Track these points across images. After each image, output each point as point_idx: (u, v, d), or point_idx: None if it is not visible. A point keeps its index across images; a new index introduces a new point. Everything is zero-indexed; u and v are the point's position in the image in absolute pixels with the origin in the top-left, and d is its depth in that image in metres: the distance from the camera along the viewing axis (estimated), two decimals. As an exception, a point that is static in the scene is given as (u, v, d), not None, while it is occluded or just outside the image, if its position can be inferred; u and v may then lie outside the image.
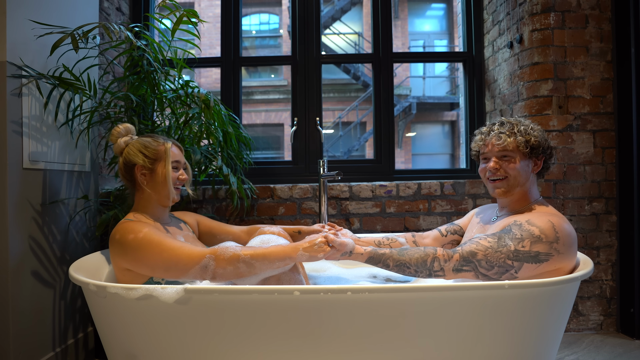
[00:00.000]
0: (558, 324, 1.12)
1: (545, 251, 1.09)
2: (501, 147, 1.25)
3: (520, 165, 1.25)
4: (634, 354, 1.78)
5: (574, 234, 1.14)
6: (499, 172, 1.26)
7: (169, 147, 1.26)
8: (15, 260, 1.40)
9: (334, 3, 9.11)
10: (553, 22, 2.01)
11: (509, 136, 1.25)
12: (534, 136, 1.26)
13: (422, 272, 1.15)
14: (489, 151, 1.29)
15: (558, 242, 1.10)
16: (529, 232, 1.11)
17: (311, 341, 1.02)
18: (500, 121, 1.32)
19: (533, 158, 1.27)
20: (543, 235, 1.10)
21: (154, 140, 1.28)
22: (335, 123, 9.75)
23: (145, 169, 1.25)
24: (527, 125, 1.28)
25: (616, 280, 2.02)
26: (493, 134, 1.28)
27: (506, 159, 1.26)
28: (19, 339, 1.41)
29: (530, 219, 1.15)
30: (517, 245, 1.10)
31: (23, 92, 1.44)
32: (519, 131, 1.26)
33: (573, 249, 1.13)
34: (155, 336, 1.05)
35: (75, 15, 1.73)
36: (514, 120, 1.30)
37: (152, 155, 1.25)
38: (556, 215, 1.18)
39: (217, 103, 1.78)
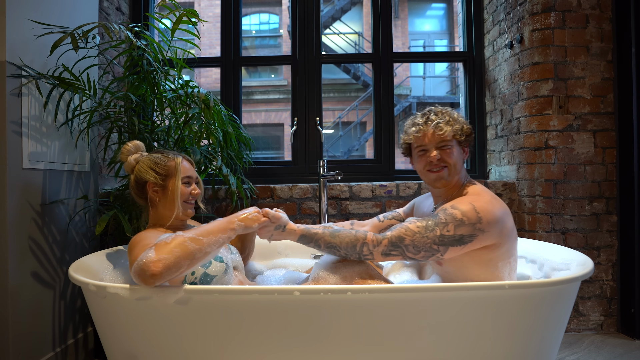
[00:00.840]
0: (558, 324, 1.12)
1: (469, 233, 1.13)
2: (441, 137, 1.25)
3: (456, 154, 1.27)
4: (634, 354, 1.78)
5: (498, 210, 1.16)
6: (440, 161, 1.26)
7: (179, 163, 1.25)
8: (15, 260, 1.40)
9: (334, 3, 9.11)
10: (553, 21, 2.01)
11: (447, 125, 1.26)
12: (465, 123, 1.29)
13: (352, 255, 1.19)
14: (428, 142, 1.27)
15: (481, 222, 1.13)
16: (452, 215, 1.14)
17: (311, 341, 1.02)
18: (433, 111, 1.31)
19: (462, 145, 1.30)
20: (465, 218, 1.13)
21: (164, 156, 1.27)
22: (335, 123, 9.75)
23: (157, 186, 1.24)
24: (456, 113, 1.31)
25: (617, 280, 2.02)
26: (432, 123, 1.27)
27: (445, 148, 1.26)
28: (18, 339, 1.41)
29: (454, 203, 1.18)
30: (442, 230, 1.13)
31: (22, 92, 1.43)
32: (454, 120, 1.28)
33: (498, 225, 1.15)
34: (155, 336, 1.05)
35: (75, 15, 1.73)
36: (443, 109, 1.31)
37: (163, 172, 1.24)
38: (479, 194, 1.21)
39: (217, 103, 1.78)
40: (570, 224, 2.01)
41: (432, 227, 1.14)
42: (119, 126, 1.69)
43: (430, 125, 1.27)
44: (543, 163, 2.01)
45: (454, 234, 1.13)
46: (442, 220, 1.14)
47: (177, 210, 1.23)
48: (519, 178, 2.14)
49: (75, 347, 1.71)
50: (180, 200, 1.24)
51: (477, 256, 1.18)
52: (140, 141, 1.34)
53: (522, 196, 2.12)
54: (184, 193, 1.25)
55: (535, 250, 1.47)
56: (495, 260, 1.19)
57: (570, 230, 2.01)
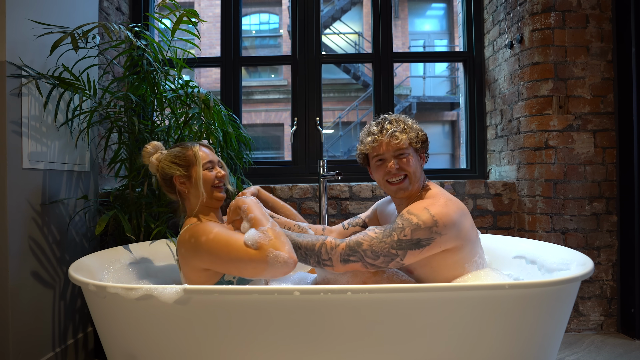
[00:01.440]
0: (558, 324, 1.12)
1: (426, 236, 1.13)
2: (397, 145, 1.23)
3: (414, 162, 1.26)
4: (634, 354, 1.78)
5: (454, 213, 1.16)
6: (399, 170, 1.24)
7: (197, 150, 1.27)
8: (14, 261, 1.40)
9: (334, 3, 9.11)
10: (553, 21, 2.01)
11: (402, 133, 1.24)
12: (420, 130, 1.28)
13: (312, 257, 1.18)
14: (385, 151, 1.25)
15: (437, 225, 1.13)
16: (409, 220, 1.14)
17: (311, 341, 1.02)
18: (387, 119, 1.29)
19: (419, 152, 1.29)
20: (421, 222, 1.13)
21: (181, 148, 1.29)
22: (335, 123, 9.75)
23: (182, 178, 1.26)
24: (410, 120, 1.29)
25: (617, 280, 2.02)
26: (387, 133, 1.24)
27: (402, 156, 1.25)
28: (18, 339, 1.41)
29: (409, 209, 1.17)
30: (399, 235, 1.13)
31: (22, 92, 1.43)
32: (409, 127, 1.26)
33: (455, 227, 1.15)
34: (155, 336, 1.05)
35: (74, 15, 1.73)
36: (397, 116, 1.29)
37: (185, 163, 1.26)
38: (435, 198, 1.21)
39: (217, 103, 1.78)
40: (570, 224, 2.01)
41: (389, 233, 1.14)
42: (119, 126, 1.69)
43: (385, 134, 1.25)
44: (543, 163, 2.01)
45: (411, 237, 1.12)
46: (399, 225, 1.14)
47: (201, 196, 1.24)
48: (519, 178, 2.14)
49: (75, 347, 1.71)
50: (206, 185, 1.25)
51: (443, 260, 1.18)
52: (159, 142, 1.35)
53: (522, 196, 2.12)
54: (209, 178, 1.26)
55: (535, 250, 1.47)
56: (462, 262, 1.20)
57: (571, 230, 2.01)
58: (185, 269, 1.20)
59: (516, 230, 2.15)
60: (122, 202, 1.73)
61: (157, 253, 1.61)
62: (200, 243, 1.14)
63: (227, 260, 1.10)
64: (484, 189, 2.18)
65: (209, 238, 1.13)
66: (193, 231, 1.17)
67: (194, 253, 1.15)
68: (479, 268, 1.24)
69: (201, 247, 1.13)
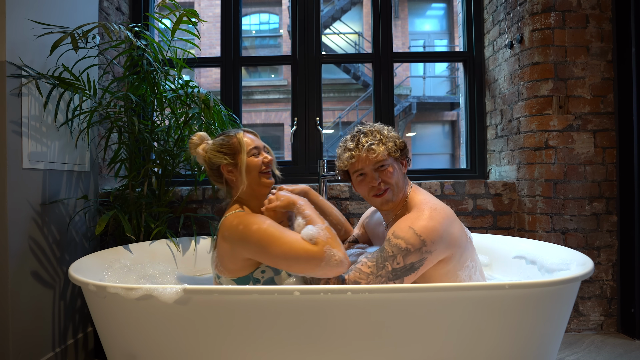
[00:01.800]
0: (558, 324, 1.12)
1: (418, 259, 1.11)
2: (376, 159, 1.21)
3: (396, 171, 1.23)
4: (634, 354, 1.78)
5: (439, 225, 1.13)
6: (382, 184, 1.22)
7: (241, 137, 1.26)
8: (14, 261, 1.40)
9: (334, 3, 9.11)
10: (553, 21, 2.01)
11: (379, 145, 1.21)
12: (397, 137, 1.25)
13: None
14: (364, 166, 1.23)
15: (425, 244, 1.10)
16: (397, 246, 1.11)
17: (311, 341, 1.02)
18: (362, 132, 1.26)
19: (400, 160, 1.26)
20: (410, 246, 1.10)
21: (226, 136, 1.28)
22: (335, 123, 9.75)
23: (229, 166, 1.26)
24: (386, 128, 1.26)
25: (617, 280, 2.02)
26: (363, 147, 1.22)
27: (382, 168, 1.22)
28: (18, 339, 1.41)
29: (395, 230, 1.14)
30: (392, 264, 1.10)
31: (22, 92, 1.43)
32: (385, 137, 1.23)
33: (443, 239, 1.13)
34: (155, 336, 1.05)
35: (74, 14, 1.73)
36: (371, 127, 1.27)
37: (230, 151, 1.25)
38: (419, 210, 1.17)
39: (217, 103, 1.78)
40: (571, 224, 2.01)
41: (382, 264, 1.11)
42: (119, 126, 1.69)
43: (362, 149, 1.22)
44: (543, 163, 2.01)
45: (405, 264, 1.10)
46: (390, 254, 1.11)
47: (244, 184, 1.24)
48: (519, 178, 2.14)
49: (75, 347, 1.71)
50: (254, 172, 1.24)
51: (436, 271, 1.17)
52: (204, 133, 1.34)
53: (522, 196, 2.12)
54: (256, 164, 1.25)
55: (535, 250, 1.47)
56: (454, 270, 1.18)
57: (571, 230, 2.01)
58: (222, 251, 1.19)
59: (516, 230, 2.15)
60: (122, 202, 1.73)
61: (157, 253, 1.62)
62: (250, 232, 1.12)
63: (278, 254, 1.09)
64: (484, 189, 2.18)
65: (260, 228, 1.11)
66: (243, 219, 1.15)
67: (240, 241, 1.14)
68: (473, 273, 1.23)
69: (250, 237, 1.12)
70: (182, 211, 2.09)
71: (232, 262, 1.18)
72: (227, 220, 1.19)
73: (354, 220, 2.15)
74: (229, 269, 1.19)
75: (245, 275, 1.19)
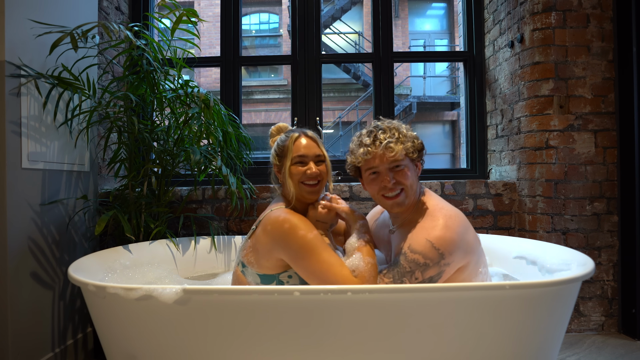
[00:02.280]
0: (559, 325, 1.11)
1: (437, 272, 1.08)
2: (393, 158, 1.14)
3: (411, 173, 1.17)
4: (635, 354, 1.78)
5: (455, 234, 1.09)
6: (396, 185, 1.15)
7: (291, 143, 1.21)
8: (14, 261, 1.39)
9: (334, 2, 9.10)
10: (554, 21, 2.00)
11: (397, 144, 1.14)
12: (415, 137, 1.19)
13: None
14: (379, 164, 1.15)
15: (444, 257, 1.07)
16: (415, 262, 1.07)
17: (311, 341, 1.01)
18: (380, 127, 1.18)
19: (415, 161, 1.21)
20: (428, 260, 1.07)
21: (286, 135, 1.25)
22: (335, 123, 9.75)
23: (276, 167, 1.25)
24: (404, 126, 1.19)
25: (618, 280, 2.01)
26: (381, 144, 1.14)
27: (398, 168, 1.16)
28: (18, 339, 1.40)
29: (411, 244, 1.10)
30: (410, 280, 1.08)
31: (22, 91, 1.43)
32: (404, 136, 1.16)
33: (461, 249, 1.10)
34: (155, 337, 1.05)
35: (74, 14, 1.72)
36: (390, 124, 1.19)
37: (281, 152, 1.23)
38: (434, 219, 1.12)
39: (217, 103, 1.78)
40: (571, 224, 2.00)
41: (399, 280, 1.08)
42: (119, 126, 1.69)
43: (379, 146, 1.14)
44: (544, 163, 2.01)
45: (423, 279, 1.08)
46: (407, 270, 1.08)
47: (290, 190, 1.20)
48: (519, 178, 2.14)
49: (74, 347, 1.71)
50: (294, 180, 1.19)
51: (452, 280, 1.14)
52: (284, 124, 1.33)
53: (522, 196, 2.11)
54: (297, 172, 1.19)
55: (536, 250, 1.47)
56: (469, 277, 1.16)
57: (571, 230, 2.00)
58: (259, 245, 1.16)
59: (517, 231, 2.15)
60: (122, 202, 1.72)
61: (156, 253, 1.61)
62: (294, 236, 1.09)
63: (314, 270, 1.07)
64: (485, 189, 2.17)
65: (306, 236, 1.08)
66: (291, 218, 1.10)
67: (281, 240, 1.11)
68: (486, 279, 1.22)
69: (293, 240, 1.09)
70: (182, 211, 2.09)
71: (265, 258, 1.15)
72: (273, 215, 1.14)
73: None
74: (260, 264, 1.16)
75: (272, 274, 1.17)
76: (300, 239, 1.08)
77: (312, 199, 1.23)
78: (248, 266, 1.20)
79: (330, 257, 1.08)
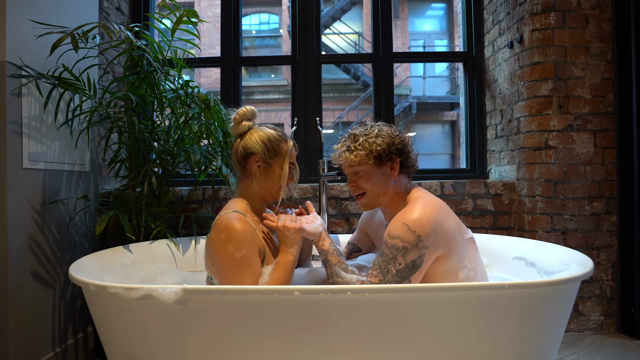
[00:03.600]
0: (558, 324, 1.12)
1: (417, 255, 1.11)
2: (347, 164, 1.24)
3: (375, 177, 1.22)
4: (634, 354, 1.78)
5: (431, 217, 1.12)
6: (357, 188, 1.25)
7: (291, 147, 1.25)
8: (15, 260, 1.40)
9: (334, 3, 9.11)
10: (553, 21, 2.01)
11: (349, 152, 1.22)
12: (376, 144, 1.21)
13: None
14: (344, 168, 1.27)
15: (421, 239, 1.10)
16: (395, 247, 1.11)
17: (311, 341, 1.02)
18: (350, 134, 1.27)
19: (386, 163, 1.23)
20: (406, 244, 1.10)
21: (278, 134, 1.25)
22: (335, 123, 9.75)
23: (261, 161, 1.22)
24: (368, 133, 1.23)
25: (617, 280, 2.02)
26: (337, 153, 1.26)
27: (359, 174, 1.24)
28: (18, 339, 1.41)
29: (389, 230, 1.14)
30: (395, 266, 1.11)
31: (23, 92, 1.43)
32: (369, 142, 1.21)
33: (437, 233, 1.12)
34: (155, 336, 1.05)
35: (75, 15, 1.73)
36: (361, 130, 1.26)
37: (274, 150, 1.22)
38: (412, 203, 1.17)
39: (217, 103, 1.78)
40: (570, 224, 2.01)
41: (386, 269, 1.12)
42: (119, 126, 1.69)
43: (336, 153, 1.26)
44: (543, 163, 2.01)
45: (406, 263, 1.11)
46: (390, 256, 1.12)
47: (282, 192, 1.24)
48: (519, 178, 2.14)
49: (75, 347, 1.71)
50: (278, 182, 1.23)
51: (434, 270, 1.16)
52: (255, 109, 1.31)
53: (522, 196, 2.12)
54: (289, 176, 1.25)
55: (535, 250, 1.47)
56: (454, 269, 1.18)
57: (570, 230, 2.01)
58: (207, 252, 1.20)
59: (516, 230, 2.15)
60: (122, 202, 1.73)
61: (157, 253, 1.62)
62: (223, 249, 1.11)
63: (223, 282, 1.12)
64: (484, 189, 2.18)
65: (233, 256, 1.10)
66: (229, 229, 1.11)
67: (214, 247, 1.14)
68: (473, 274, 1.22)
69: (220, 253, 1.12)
70: (182, 211, 2.09)
71: (212, 265, 1.18)
72: (219, 221, 1.15)
73: (354, 220, 2.15)
74: (214, 272, 1.19)
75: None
76: (227, 254, 1.10)
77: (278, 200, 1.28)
78: (213, 277, 1.21)
79: (246, 283, 1.10)
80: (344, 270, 1.20)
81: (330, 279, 1.20)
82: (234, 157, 1.27)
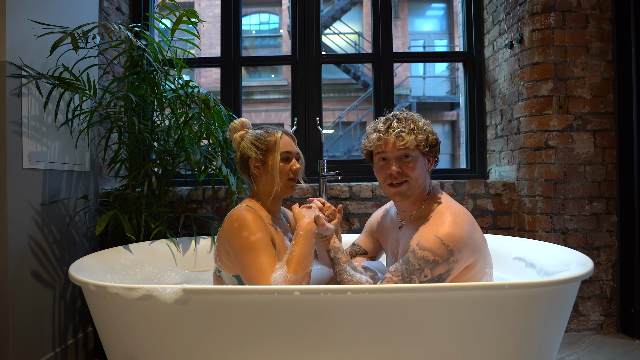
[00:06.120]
0: (558, 324, 1.12)
1: (446, 270, 1.10)
2: (403, 146, 1.16)
3: (420, 166, 1.18)
4: (634, 354, 1.78)
5: (464, 231, 1.10)
6: (400, 175, 1.17)
7: (279, 138, 1.26)
8: (15, 261, 1.40)
9: (334, 3, 9.11)
10: (553, 21, 2.01)
11: (409, 134, 1.16)
12: (431, 133, 1.20)
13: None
14: (389, 151, 1.18)
15: (453, 254, 1.08)
16: (424, 259, 1.09)
17: (311, 341, 1.02)
18: (396, 116, 1.21)
19: (427, 156, 1.22)
20: (437, 257, 1.08)
21: (265, 131, 1.28)
22: (335, 123, 9.75)
23: (257, 162, 1.25)
24: (422, 120, 1.20)
25: (617, 280, 2.02)
26: (393, 132, 1.17)
27: (407, 159, 1.18)
28: (18, 339, 1.41)
29: (419, 240, 1.11)
30: (420, 278, 1.09)
31: (23, 92, 1.43)
32: (419, 128, 1.17)
33: (469, 246, 1.11)
34: (155, 336, 1.05)
35: (75, 15, 1.73)
36: (408, 115, 1.21)
37: (264, 147, 1.25)
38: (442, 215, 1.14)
39: (217, 103, 1.78)
40: (570, 224, 2.01)
41: (408, 278, 1.09)
42: (119, 126, 1.70)
43: (391, 133, 1.17)
44: (543, 163, 2.01)
45: (433, 277, 1.09)
46: (417, 267, 1.09)
47: (277, 185, 1.24)
48: (519, 178, 2.14)
49: (75, 347, 1.71)
50: (280, 176, 1.24)
51: (458, 280, 1.15)
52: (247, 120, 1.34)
53: (522, 196, 2.12)
54: (283, 169, 1.25)
55: (535, 250, 1.47)
56: (475, 278, 1.17)
57: (570, 230, 2.01)
58: (219, 245, 1.22)
59: (516, 230, 2.15)
60: (122, 202, 1.73)
61: (157, 253, 1.62)
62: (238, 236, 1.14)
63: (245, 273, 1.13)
64: (484, 189, 2.18)
65: (249, 237, 1.13)
66: (242, 218, 1.15)
67: (228, 237, 1.16)
68: (491, 278, 1.22)
69: (235, 240, 1.14)
70: (182, 211, 2.09)
71: (227, 257, 1.20)
72: (232, 213, 1.20)
73: (354, 220, 2.15)
74: (226, 265, 1.21)
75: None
76: (242, 239, 1.13)
77: (290, 193, 1.31)
78: (222, 270, 1.23)
79: (264, 263, 1.11)
80: (352, 269, 1.20)
81: (339, 276, 1.19)
82: (239, 167, 1.32)
